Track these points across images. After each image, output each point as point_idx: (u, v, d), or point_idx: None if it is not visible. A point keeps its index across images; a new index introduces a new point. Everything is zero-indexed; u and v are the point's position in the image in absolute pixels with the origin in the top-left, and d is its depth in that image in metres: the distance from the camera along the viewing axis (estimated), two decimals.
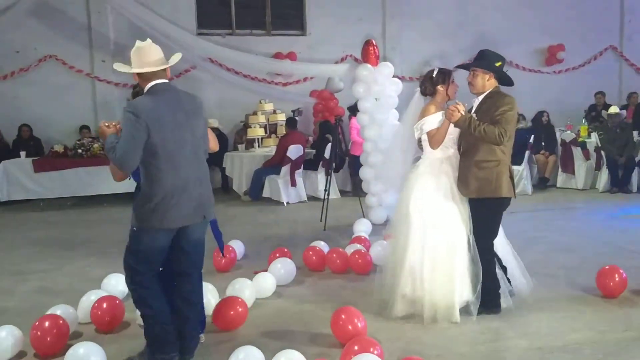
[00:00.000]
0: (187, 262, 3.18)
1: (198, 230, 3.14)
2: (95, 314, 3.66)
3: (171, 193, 2.96)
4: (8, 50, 9.56)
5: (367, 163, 6.67)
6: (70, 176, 8.25)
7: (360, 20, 10.82)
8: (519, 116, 9.37)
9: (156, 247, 3.03)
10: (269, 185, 8.50)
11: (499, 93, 3.71)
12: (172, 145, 2.96)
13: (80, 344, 3.08)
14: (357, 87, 6.54)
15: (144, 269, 3.06)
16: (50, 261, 5.47)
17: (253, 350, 2.98)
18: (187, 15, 10.29)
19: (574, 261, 5.05)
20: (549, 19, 11.25)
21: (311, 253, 4.92)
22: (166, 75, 3.11)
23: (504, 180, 3.64)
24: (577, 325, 3.60)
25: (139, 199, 3.03)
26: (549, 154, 9.38)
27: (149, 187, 2.98)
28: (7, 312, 4.03)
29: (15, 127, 9.45)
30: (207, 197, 3.14)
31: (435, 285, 3.65)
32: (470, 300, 3.70)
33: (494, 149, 3.62)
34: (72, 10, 9.82)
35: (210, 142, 3.31)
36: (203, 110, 3.20)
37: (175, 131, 2.97)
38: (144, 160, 2.96)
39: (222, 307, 3.65)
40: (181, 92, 3.17)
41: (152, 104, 2.96)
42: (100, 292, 3.96)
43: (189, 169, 3.03)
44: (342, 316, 3.37)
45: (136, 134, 2.87)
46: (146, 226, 2.99)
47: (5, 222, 7.57)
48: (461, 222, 3.73)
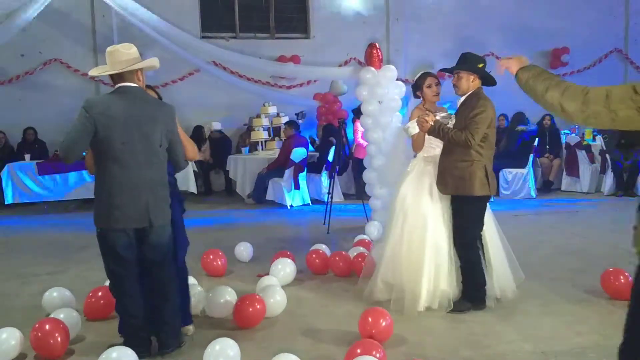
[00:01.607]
0: (150, 261, 3.23)
1: (154, 234, 3.17)
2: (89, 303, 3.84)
3: (116, 192, 3.06)
4: (13, 53, 9.62)
5: (371, 166, 6.65)
6: (74, 179, 8.29)
7: (364, 24, 10.84)
8: (524, 118, 9.42)
9: (115, 248, 3.12)
10: (273, 188, 8.49)
11: (478, 94, 3.84)
12: (120, 146, 3.04)
13: (114, 348, 2.97)
14: (360, 90, 6.53)
15: (116, 269, 3.17)
16: (54, 264, 5.48)
17: (229, 341, 3.02)
18: (191, 19, 10.32)
19: (578, 264, 5.02)
20: (553, 21, 11.23)
21: (314, 256, 4.91)
22: (136, 80, 3.16)
23: (477, 179, 3.77)
24: (582, 328, 3.58)
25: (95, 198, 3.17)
26: (554, 157, 9.35)
27: (98, 184, 3.13)
28: (10, 314, 4.03)
29: (20, 130, 9.50)
30: (156, 204, 3.14)
31: (407, 274, 3.89)
32: (454, 295, 3.88)
33: (469, 151, 3.78)
34: (77, 14, 9.87)
35: (188, 150, 3.38)
36: (169, 119, 3.21)
37: (125, 132, 3.05)
38: (95, 158, 3.13)
39: (240, 305, 3.65)
40: (149, 98, 3.24)
41: (108, 103, 3.10)
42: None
43: (139, 173, 3.09)
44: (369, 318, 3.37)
45: (81, 127, 3.02)
46: (98, 226, 3.14)
47: (10, 225, 7.59)
48: (440, 220, 3.93)
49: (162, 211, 3.20)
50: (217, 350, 2.99)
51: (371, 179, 6.68)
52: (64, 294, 4.02)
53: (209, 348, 3.00)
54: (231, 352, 3.01)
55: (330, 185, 7.08)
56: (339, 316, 3.91)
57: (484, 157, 3.81)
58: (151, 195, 3.13)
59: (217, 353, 2.98)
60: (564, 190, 9.25)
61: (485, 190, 3.81)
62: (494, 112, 3.82)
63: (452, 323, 3.73)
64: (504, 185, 8.87)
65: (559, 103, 1.97)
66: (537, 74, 2.08)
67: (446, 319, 3.77)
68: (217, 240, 6.05)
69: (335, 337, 3.52)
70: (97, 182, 3.13)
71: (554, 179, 9.34)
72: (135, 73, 3.15)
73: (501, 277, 4.04)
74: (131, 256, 3.18)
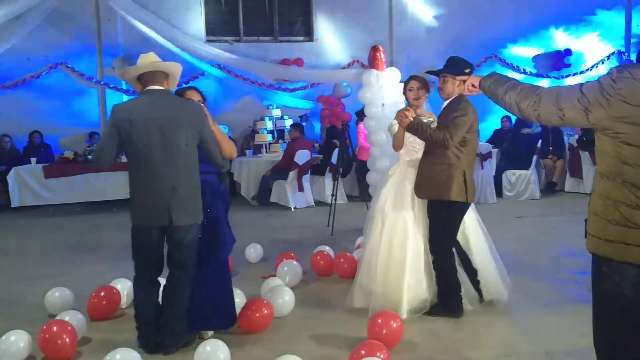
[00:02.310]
0: (171, 261, 3.35)
1: (178, 233, 3.25)
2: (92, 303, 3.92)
3: (140, 192, 3.22)
4: (19, 57, 9.69)
5: (374, 168, 6.68)
6: (79, 182, 8.32)
7: (367, 26, 10.87)
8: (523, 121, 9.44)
9: (142, 244, 3.30)
10: (277, 191, 8.52)
11: (461, 98, 3.77)
12: (142, 147, 3.15)
13: (117, 350, 3.02)
14: (364, 93, 6.56)
15: (138, 263, 3.35)
16: (60, 266, 5.52)
17: (218, 343, 3.08)
18: (196, 23, 10.39)
19: (582, 266, 5.01)
20: (556, 23, 11.24)
21: (319, 257, 4.94)
22: (162, 83, 3.26)
23: (455, 184, 3.67)
24: (585, 329, 3.55)
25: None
26: (557, 158, 9.35)
27: (130, 184, 3.28)
28: (17, 317, 4.07)
29: (25, 133, 9.56)
30: (179, 204, 3.20)
31: (387, 281, 3.83)
32: (429, 300, 3.84)
33: (447, 153, 3.69)
34: (82, 18, 9.94)
35: (223, 149, 3.38)
36: (195, 119, 3.25)
37: (145, 134, 3.14)
38: (127, 159, 3.31)
39: (247, 310, 3.64)
40: (173, 100, 3.28)
41: (130, 107, 3.26)
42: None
43: (161, 173, 3.17)
44: (378, 320, 3.37)
45: (108, 132, 3.22)
46: (131, 222, 3.31)
47: (16, 228, 7.64)
48: (416, 227, 3.86)
49: (186, 212, 3.23)
50: (207, 352, 3.04)
51: (375, 180, 6.71)
52: (64, 293, 4.10)
53: (199, 348, 3.06)
54: (221, 354, 3.04)
55: (334, 187, 7.11)
56: (344, 318, 3.93)
57: (463, 162, 3.72)
58: (174, 195, 3.19)
59: (207, 354, 3.03)
60: (567, 191, 9.23)
61: (461, 196, 3.69)
62: (475, 117, 3.73)
63: (455, 324, 3.74)
64: (508, 187, 8.88)
65: (516, 102, 2.08)
66: (497, 79, 2.25)
67: (450, 320, 3.79)
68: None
69: (340, 339, 3.54)
70: (129, 182, 3.30)
71: (557, 180, 9.33)
72: (161, 75, 3.24)
73: (490, 283, 4.00)
74: (154, 254, 3.33)
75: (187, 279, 3.35)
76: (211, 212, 3.41)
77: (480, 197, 8.36)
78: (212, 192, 3.44)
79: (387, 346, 3.14)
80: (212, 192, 3.45)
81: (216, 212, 3.46)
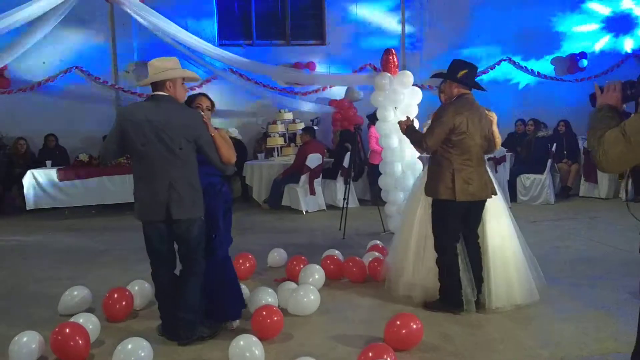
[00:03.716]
0: (180, 256, 3.55)
1: (180, 227, 3.43)
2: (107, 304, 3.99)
3: (139, 187, 3.45)
4: (35, 61, 9.82)
5: (386, 172, 6.66)
6: (94, 185, 8.40)
7: (379, 29, 10.86)
8: (542, 124, 9.32)
9: (150, 239, 3.49)
10: (288, 194, 8.53)
11: (449, 103, 3.95)
12: (140, 147, 3.37)
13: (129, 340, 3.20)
14: (376, 96, 6.55)
15: (151, 259, 3.55)
16: (75, 268, 5.56)
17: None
18: (209, 27, 10.46)
19: (597, 271, 4.97)
20: (570, 26, 11.14)
21: (329, 262, 4.93)
22: (167, 89, 3.45)
23: (442, 183, 3.87)
24: (601, 335, 3.55)
25: None
26: (572, 162, 9.26)
27: (133, 181, 3.52)
28: (30, 318, 4.11)
29: (41, 136, 9.69)
30: (177, 200, 3.38)
31: (429, 273, 4.09)
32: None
33: (437, 155, 3.95)
34: (98, 22, 10.06)
35: (221, 154, 3.50)
36: (191, 125, 3.42)
37: (143, 135, 3.35)
38: (130, 157, 3.59)
39: (257, 316, 3.62)
40: (173, 106, 3.44)
41: (132, 109, 3.53)
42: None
43: (158, 171, 3.37)
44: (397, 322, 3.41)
45: (113, 132, 3.47)
46: (135, 217, 3.51)
47: (31, 230, 7.72)
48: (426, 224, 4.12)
49: (184, 206, 3.40)
50: (241, 346, 3.16)
51: (387, 184, 6.69)
52: (83, 292, 4.21)
53: (233, 342, 3.18)
54: (256, 350, 3.14)
55: (345, 191, 7.10)
56: (356, 321, 3.92)
57: (454, 163, 3.86)
58: (172, 192, 3.38)
59: (242, 348, 3.15)
60: (582, 196, 9.14)
61: (448, 194, 3.84)
62: (459, 119, 3.82)
63: (469, 328, 3.72)
64: (522, 192, 8.80)
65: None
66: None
67: (463, 324, 3.77)
68: (235, 245, 6.08)
69: (352, 342, 3.53)
70: (133, 179, 3.54)
71: (572, 185, 9.24)
72: (164, 83, 3.43)
73: (515, 285, 4.01)
74: (162, 248, 3.50)
75: (195, 272, 3.53)
76: (209, 212, 3.57)
77: None
78: (213, 193, 3.64)
79: (404, 348, 3.23)
80: (214, 193, 3.64)
81: (214, 213, 3.63)
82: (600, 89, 2.15)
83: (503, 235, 4.09)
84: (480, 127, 3.93)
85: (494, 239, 4.05)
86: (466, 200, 3.87)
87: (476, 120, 3.90)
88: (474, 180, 3.88)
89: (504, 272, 4.01)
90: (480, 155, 3.97)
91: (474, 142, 3.90)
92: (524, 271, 4.07)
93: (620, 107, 2.10)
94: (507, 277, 4.02)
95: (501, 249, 4.05)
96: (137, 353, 3.10)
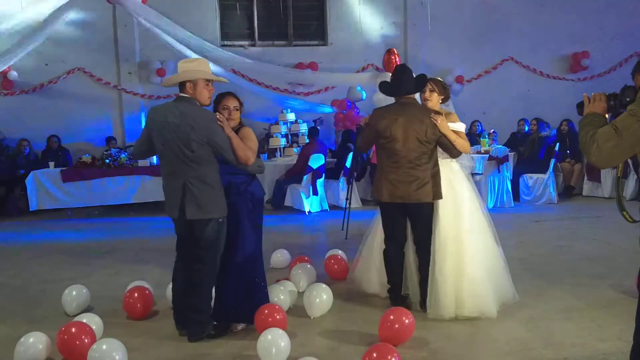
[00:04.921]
0: (193, 254, 3.57)
1: (195, 227, 3.49)
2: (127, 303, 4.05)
3: (164, 185, 3.60)
4: (37, 62, 9.84)
5: None
6: (97, 186, 8.41)
7: (381, 29, 10.86)
8: (545, 123, 9.29)
9: (177, 234, 3.67)
10: (291, 194, 8.54)
11: (378, 107, 4.20)
12: (160, 146, 3.53)
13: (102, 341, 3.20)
14: (378, 96, 6.55)
15: (176, 253, 3.72)
16: (78, 269, 5.58)
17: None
18: (211, 27, 10.46)
19: (601, 270, 4.96)
20: (573, 26, 11.12)
21: (332, 262, 4.93)
22: (188, 90, 3.51)
23: (374, 185, 4.14)
24: (605, 335, 3.54)
25: None
26: (575, 162, 9.24)
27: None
28: (36, 319, 4.12)
29: (44, 137, 9.70)
30: (191, 198, 3.45)
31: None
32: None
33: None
34: (100, 24, 10.07)
35: (237, 155, 3.51)
36: (204, 126, 3.43)
37: (162, 136, 3.48)
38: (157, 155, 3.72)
39: (260, 314, 3.63)
40: (190, 107, 3.48)
41: (160, 109, 3.60)
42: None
43: (175, 169, 3.49)
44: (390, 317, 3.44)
45: (143, 130, 3.70)
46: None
47: (35, 231, 7.74)
48: (445, 223, 3.99)
49: (199, 207, 3.45)
50: (269, 340, 3.19)
51: None
52: (81, 292, 4.23)
53: (262, 337, 3.21)
54: (282, 342, 3.16)
55: (348, 191, 7.10)
56: (359, 321, 3.92)
57: (383, 166, 4.02)
58: (187, 192, 3.46)
59: (269, 342, 3.18)
60: (585, 195, 9.12)
61: (377, 195, 4.04)
62: (383, 123, 3.89)
63: (472, 329, 3.71)
64: (525, 191, 8.79)
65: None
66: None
67: (467, 325, 3.76)
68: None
69: (355, 342, 3.53)
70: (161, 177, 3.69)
71: (575, 184, 9.22)
72: (185, 84, 3.50)
73: (464, 295, 3.81)
74: (183, 244, 3.63)
75: (205, 273, 3.54)
76: (233, 211, 3.59)
77: (498, 202, 8.31)
78: (236, 192, 3.65)
79: (398, 342, 3.26)
80: (237, 192, 3.65)
81: (238, 212, 3.63)
82: (588, 99, 2.40)
83: (461, 243, 3.87)
84: (414, 131, 3.85)
85: (447, 246, 3.86)
86: (393, 202, 3.92)
87: (406, 124, 3.85)
88: (402, 183, 3.88)
89: (455, 281, 3.81)
90: (412, 158, 3.87)
91: (401, 146, 3.87)
92: (481, 283, 3.82)
93: (605, 115, 2.35)
94: (457, 287, 3.81)
95: (456, 256, 3.85)
96: (110, 355, 3.06)
